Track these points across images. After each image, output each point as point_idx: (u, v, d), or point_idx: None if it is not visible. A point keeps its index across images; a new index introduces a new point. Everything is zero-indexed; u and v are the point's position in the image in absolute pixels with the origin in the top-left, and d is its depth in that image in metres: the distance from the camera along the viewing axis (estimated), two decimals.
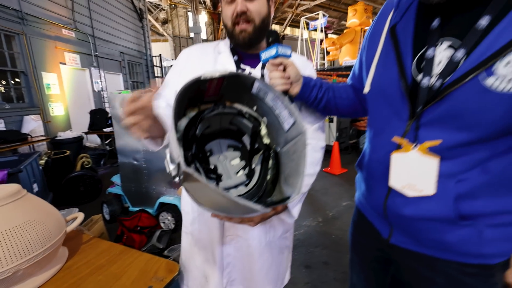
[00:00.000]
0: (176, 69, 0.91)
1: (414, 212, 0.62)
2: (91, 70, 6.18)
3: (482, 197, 0.56)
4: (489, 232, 0.57)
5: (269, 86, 0.66)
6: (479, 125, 0.51)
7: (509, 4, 0.47)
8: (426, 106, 0.56)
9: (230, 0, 0.78)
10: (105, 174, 4.23)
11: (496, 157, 0.54)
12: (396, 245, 0.71)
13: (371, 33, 0.73)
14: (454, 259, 0.62)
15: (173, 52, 14.14)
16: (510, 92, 0.46)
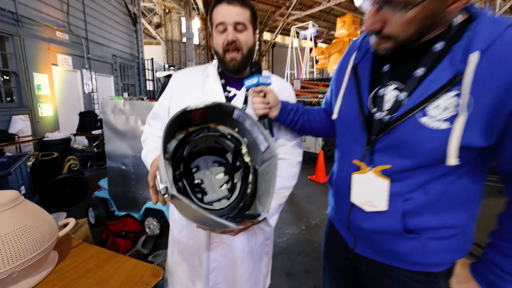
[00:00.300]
0: (168, 92, 1.00)
1: (371, 225, 0.71)
2: (82, 72, 6.16)
3: (425, 214, 0.66)
4: (432, 244, 0.67)
5: (247, 114, 0.75)
6: (417, 154, 0.62)
7: (437, 60, 0.59)
8: (378, 136, 0.66)
9: (222, 30, 0.87)
10: (91, 176, 4.21)
11: (434, 181, 0.64)
12: (360, 255, 0.80)
13: (339, 68, 0.84)
14: (405, 267, 0.71)
15: (165, 55, 14.15)
16: (439, 129, 0.57)
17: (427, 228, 0.66)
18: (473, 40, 0.55)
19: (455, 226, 0.66)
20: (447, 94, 0.56)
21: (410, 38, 0.60)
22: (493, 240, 0.65)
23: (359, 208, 0.73)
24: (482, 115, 0.54)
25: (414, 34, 0.59)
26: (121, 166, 2.47)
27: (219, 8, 0.88)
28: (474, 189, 0.65)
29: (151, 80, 9.99)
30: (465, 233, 0.68)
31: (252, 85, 0.85)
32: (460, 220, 0.66)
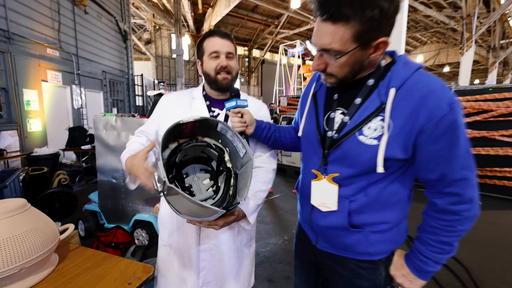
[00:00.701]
0: (158, 112, 1.16)
1: (326, 223, 0.87)
2: (72, 88, 6.24)
3: (366, 213, 0.81)
4: (372, 237, 0.82)
5: (229, 126, 0.93)
6: (357, 164, 0.78)
7: (369, 92, 0.77)
8: (330, 150, 0.83)
9: (215, 57, 1.06)
10: (80, 191, 4.24)
11: (372, 186, 0.80)
12: (321, 249, 0.95)
13: (303, 94, 1.03)
14: (353, 257, 0.87)
15: (155, 71, 14.32)
16: (371, 145, 0.74)
17: (368, 223, 0.82)
18: (391, 79, 0.73)
19: (389, 222, 0.82)
20: (376, 118, 0.74)
21: (346, 76, 0.77)
22: (418, 232, 0.82)
23: (317, 209, 0.88)
24: (400, 134, 0.71)
25: (348, 74, 0.76)
26: (111, 179, 2.57)
27: (213, 39, 1.07)
28: (403, 192, 0.82)
29: (141, 96, 10.11)
30: (398, 228, 0.84)
31: (231, 107, 1.01)
32: (393, 217, 0.82)
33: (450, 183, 0.73)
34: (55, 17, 5.73)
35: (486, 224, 3.35)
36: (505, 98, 4.04)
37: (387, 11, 0.64)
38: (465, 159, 0.71)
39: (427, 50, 20.49)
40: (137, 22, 13.39)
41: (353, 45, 0.68)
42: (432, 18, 13.64)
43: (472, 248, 2.78)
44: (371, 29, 0.66)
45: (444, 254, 0.77)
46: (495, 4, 9.57)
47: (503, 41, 12.39)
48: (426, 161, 0.73)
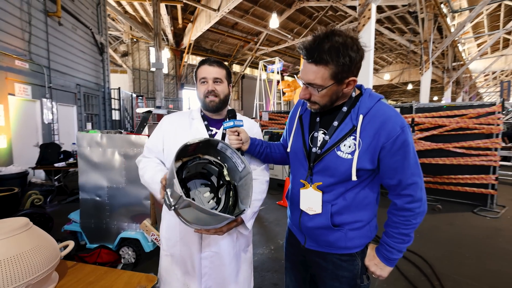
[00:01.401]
0: (160, 132, 1.26)
1: (313, 224, 1.04)
2: (42, 102, 5.97)
3: (344, 214, 1.00)
4: (350, 234, 1.01)
5: (228, 145, 1.06)
6: (336, 174, 0.97)
7: (344, 117, 0.98)
8: (314, 163, 1.01)
9: (203, 82, 1.21)
10: (53, 211, 4.01)
11: (348, 191, 0.99)
12: (309, 249, 1.10)
13: (291, 116, 1.22)
14: (335, 252, 1.04)
15: (132, 84, 14.05)
16: (347, 158, 0.94)
17: (346, 223, 1.01)
18: (360, 107, 0.95)
19: (363, 220, 1.02)
20: (349, 137, 0.95)
21: (326, 104, 0.97)
22: (384, 228, 1.03)
23: (305, 214, 1.06)
24: (368, 150, 0.92)
25: (327, 102, 0.97)
26: (95, 197, 2.51)
27: (202, 68, 1.22)
28: (372, 196, 1.02)
29: (118, 110, 9.84)
30: (369, 225, 1.04)
31: (229, 126, 1.14)
32: (365, 216, 1.02)
33: (404, 187, 0.94)
34: (25, 28, 5.55)
35: (445, 225, 3.74)
36: (455, 115, 4.61)
37: (355, 59, 0.87)
38: (415, 168, 0.93)
39: (393, 69, 22.23)
40: (112, 34, 13.17)
41: (331, 82, 0.90)
42: (396, 41, 14.90)
43: (434, 246, 3.11)
44: (344, 71, 0.88)
45: (404, 243, 0.97)
46: (447, 32, 10.91)
47: (454, 63, 13.92)
48: (387, 170, 0.94)
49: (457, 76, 13.90)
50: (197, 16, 12.18)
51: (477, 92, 22.93)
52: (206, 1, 10.91)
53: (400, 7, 10.28)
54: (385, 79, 22.16)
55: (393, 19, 12.65)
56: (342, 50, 0.84)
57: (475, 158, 4.45)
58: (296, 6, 12.21)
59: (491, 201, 4.44)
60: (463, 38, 14.38)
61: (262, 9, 12.48)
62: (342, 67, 0.86)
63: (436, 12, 9.22)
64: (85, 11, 7.81)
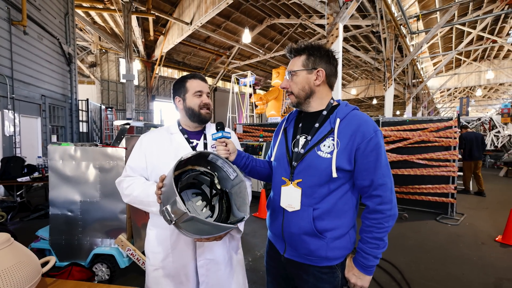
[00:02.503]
0: (141, 151, 1.28)
1: (296, 229, 1.07)
2: (4, 113, 5.59)
3: (326, 219, 1.04)
4: (331, 244, 1.04)
5: (218, 155, 1.13)
6: (316, 173, 1.04)
7: (324, 120, 1.09)
8: (297, 162, 1.08)
9: (199, 95, 1.29)
10: (14, 230, 3.70)
11: (330, 194, 1.04)
12: (289, 258, 1.13)
13: (276, 131, 1.31)
14: (316, 264, 1.07)
15: (100, 95, 13.51)
16: (326, 157, 1.02)
17: (328, 229, 1.04)
18: (337, 113, 1.08)
19: (342, 227, 1.05)
20: (328, 138, 1.04)
21: (299, 93, 1.12)
22: (360, 234, 1.08)
23: (287, 218, 1.10)
24: (345, 150, 1.01)
25: (300, 91, 1.11)
26: (66, 212, 2.41)
27: (196, 81, 1.31)
28: (351, 202, 1.08)
29: (85, 122, 9.41)
30: (349, 235, 1.08)
31: (218, 137, 1.19)
32: (345, 223, 1.06)
33: (375, 187, 1.00)
34: None
35: (411, 233, 3.99)
36: (417, 129, 4.96)
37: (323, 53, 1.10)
38: (385, 170, 1.01)
39: (359, 85, 23.60)
40: (80, 44, 12.68)
41: (302, 68, 1.10)
42: (361, 59, 15.95)
43: (402, 252, 3.31)
44: (313, 61, 1.10)
45: (379, 248, 1.01)
46: (406, 51, 11.93)
47: (414, 80, 15.13)
48: (361, 170, 1.02)
49: (417, 92, 15.06)
50: (169, 28, 12.18)
51: (435, 107, 25.07)
52: (178, 14, 10.99)
53: (364, 27, 11.05)
54: (352, 93, 23.47)
55: (358, 38, 13.59)
56: (315, 46, 1.11)
57: (436, 169, 4.77)
58: (267, 22, 12.69)
59: (451, 209, 4.75)
60: (421, 57, 15.78)
61: (234, 24, 12.80)
62: (312, 57, 1.09)
63: (397, 32, 10.06)
64: (52, 20, 7.52)
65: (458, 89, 22.92)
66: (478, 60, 18.37)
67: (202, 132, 1.36)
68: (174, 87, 1.34)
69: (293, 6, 11.02)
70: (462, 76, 19.50)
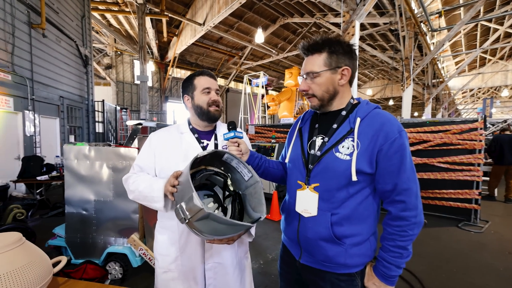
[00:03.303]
0: (150, 150, 1.24)
1: (312, 235, 1.01)
2: (24, 114, 5.79)
3: (345, 225, 0.97)
4: (351, 250, 0.97)
5: (233, 155, 1.07)
6: (334, 176, 0.97)
7: (343, 120, 1.02)
8: (313, 165, 1.02)
9: (207, 92, 1.24)
10: (34, 226, 3.84)
11: (350, 199, 0.97)
12: (305, 264, 1.07)
13: (290, 131, 1.25)
14: (334, 271, 1.00)
15: (115, 96, 13.84)
16: (345, 159, 0.95)
17: (347, 235, 0.97)
18: (357, 112, 1.00)
19: (362, 234, 0.98)
20: (347, 139, 0.97)
21: (323, 96, 1.02)
22: (381, 242, 1.00)
23: (304, 223, 1.04)
24: (366, 151, 0.93)
25: (325, 93, 1.02)
26: (81, 211, 2.45)
27: (204, 78, 1.25)
28: (372, 208, 1.00)
29: (101, 122, 9.65)
30: (370, 242, 1.00)
31: (230, 137, 1.15)
32: (365, 230, 0.99)
33: (399, 192, 0.93)
34: (8, 39, 5.43)
35: (430, 239, 3.78)
36: (438, 131, 4.69)
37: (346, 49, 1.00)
38: (410, 173, 0.93)
39: (375, 85, 23.01)
40: (96, 46, 13.05)
41: (325, 68, 0.99)
42: (378, 58, 15.51)
43: (422, 260, 3.13)
44: (336, 59, 0.99)
45: (402, 258, 0.93)
46: (427, 50, 11.39)
47: (434, 80, 14.44)
48: (383, 174, 0.94)
49: (437, 93, 14.39)
50: (182, 30, 12.32)
51: (456, 109, 24.03)
52: (191, 15, 11.10)
53: (381, 25, 10.70)
54: (367, 94, 22.83)
55: (375, 37, 13.24)
56: (334, 41, 0.99)
57: (459, 173, 4.50)
58: (281, 22, 12.62)
59: (475, 216, 4.48)
60: (442, 56, 14.96)
61: (247, 24, 12.79)
62: (335, 54, 0.99)
63: (416, 30, 9.59)
64: (69, 23, 7.75)
65: (482, 90, 21.79)
66: (505, 59, 17.31)
67: (213, 132, 1.32)
68: (182, 86, 1.30)
69: (307, 4, 10.89)
70: (486, 76, 18.47)
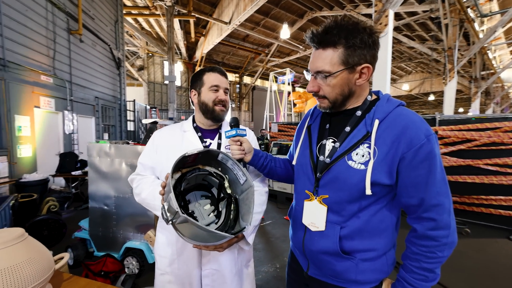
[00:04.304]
0: (153, 148, 1.22)
1: (318, 247, 0.90)
2: (64, 114, 6.27)
3: (356, 239, 0.85)
4: (362, 265, 0.85)
5: (229, 155, 1.00)
6: (346, 188, 0.84)
7: (357, 122, 0.86)
8: (322, 173, 0.88)
9: (215, 90, 1.18)
10: (69, 217, 4.14)
11: (362, 211, 0.85)
12: (312, 277, 0.96)
13: (298, 128, 1.12)
14: (343, 285, 0.89)
15: (147, 97, 14.52)
16: (359, 169, 0.81)
17: (357, 250, 0.85)
18: (376, 112, 0.83)
19: (377, 249, 0.86)
20: (363, 145, 0.82)
21: (337, 98, 0.86)
22: (402, 260, 0.86)
23: (309, 234, 0.93)
24: (384, 160, 0.78)
25: (338, 96, 0.86)
26: (103, 206, 2.56)
27: (214, 75, 1.19)
28: (390, 220, 0.87)
29: (132, 121, 10.18)
30: (386, 257, 0.87)
31: (231, 135, 1.08)
32: (381, 245, 0.86)
33: (427, 208, 0.77)
34: (50, 45, 5.89)
35: (473, 252, 3.28)
36: (486, 128, 4.11)
37: (367, 41, 0.79)
38: (441, 186, 0.77)
39: (412, 79, 21.27)
40: (130, 50, 13.76)
41: (340, 67, 0.81)
42: (416, 50, 14.32)
43: (460, 275, 2.74)
44: (355, 54, 0.79)
45: (427, 281, 0.79)
46: (474, 38, 10.09)
47: (484, 72, 12.66)
48: (407, 186, 0.79)
49: (487, 86, 12.79)
50: (209, 29, 12.52)
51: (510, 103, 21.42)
52: (218, 14, 11.22)
53: (420, 13, 9.78)
54: (403, 89, 21.29)
55: (412, 26, 12.22)
56: (352, 30, 0.78)
57: (511, 176, 3.91)
58: (308, 16, 12.28)
59: None
60: (493, 44, 12.98)
61: (273, 21, 12.64)
62: (353, 49, 0.78)
63: (462, 17, 8.59)
64: (104, 28, 8.22)
65: None
66: None
67: (218, 131, 1.26)
68: (191, 80, 1.26)
69: None
70: None
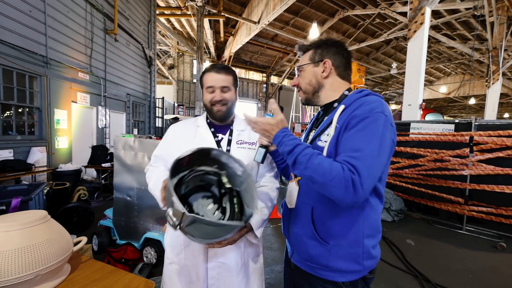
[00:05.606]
0: (166, 142, 1.26)
1: (297, 230, 0.99)
2: (98, 109, 6.68)
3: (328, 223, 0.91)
4: (335, 251, 0.89)
5: (221, 150, 1.00)
6: None
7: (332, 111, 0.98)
8: None
9: (211, 91, 1.17)
10: (97, 206, 4.40)
11: None
12: (295, 264, 1.03)
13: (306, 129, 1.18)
14: (319, 275, 0.93)
15: (176, 94, 15.01)
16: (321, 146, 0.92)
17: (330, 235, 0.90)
18: (344, 101, 0.96)
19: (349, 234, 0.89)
20: (330, 127, 0.93)
21: (306, 88, 1.06)
22: None
23: (293, 217, 1.02)
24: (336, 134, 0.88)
25: (307, 85, 1.05)
26: (126, 197, 2.69)
27: (209, 75, 1.18)
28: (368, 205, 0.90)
29: (161, 118, 10.58)
30: (362, 248, 0.89)
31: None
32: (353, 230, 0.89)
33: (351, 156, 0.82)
34: (88, 44, 6.29)
35: (507, 268, 3.00)
36: None
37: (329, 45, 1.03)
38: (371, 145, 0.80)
39: (451, 81, 19.68)
40: (162, 49, 14.30)
41: (308, 61, 1.05)
42: (456, 50, 13.34)
43: None
44: (319, 53, 1.03)
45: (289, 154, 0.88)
46: None
47: None
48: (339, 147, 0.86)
49: None
50: (238, 29, 12.62)
51: None
52: (247, 14, 11.28)
53: (463, 11, 9.08)
54: (440, 92, 19.91)
55: (453, 25, 11.44)
56: (321, 40, 1.06)
57: None
58: (340, 15, 11.93)
59: None
60: None
61: (303, 20, 12.45)
62: (319, 49, 1.03)
63: (510, 14, 7.99)
64: (137, 28, 8.63)
65: None
66: None
67: (229, 127, 1.26)
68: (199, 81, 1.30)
69: None
70: None
